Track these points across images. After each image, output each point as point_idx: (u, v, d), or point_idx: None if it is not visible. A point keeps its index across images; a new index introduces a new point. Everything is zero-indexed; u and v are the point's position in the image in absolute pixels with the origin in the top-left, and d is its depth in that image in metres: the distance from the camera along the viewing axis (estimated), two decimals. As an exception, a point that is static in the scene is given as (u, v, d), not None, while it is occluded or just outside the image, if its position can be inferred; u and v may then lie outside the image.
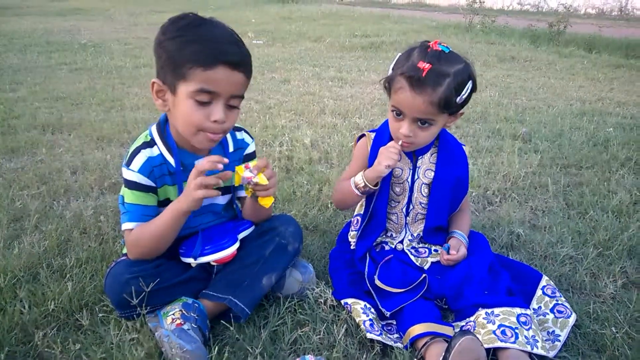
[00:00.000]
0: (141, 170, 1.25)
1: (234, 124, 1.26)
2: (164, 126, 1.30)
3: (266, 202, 1.25)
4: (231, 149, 1.40)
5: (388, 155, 1.36)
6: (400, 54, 1.39)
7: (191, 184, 1.16)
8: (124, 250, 1.35)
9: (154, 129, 1.31)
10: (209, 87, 1.14)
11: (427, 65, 1.27)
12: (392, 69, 1.37)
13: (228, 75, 1.15)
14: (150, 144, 1.28)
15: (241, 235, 1.40)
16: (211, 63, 1.13)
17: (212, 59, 1.13)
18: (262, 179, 1.20)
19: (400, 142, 1.39)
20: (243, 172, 1.20)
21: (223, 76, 1.15)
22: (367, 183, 1.43)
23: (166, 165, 1.29)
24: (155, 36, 1.21)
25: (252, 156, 1.47)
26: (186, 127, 1.21)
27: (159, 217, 1.25)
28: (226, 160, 1.18)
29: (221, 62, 1.14)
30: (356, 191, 1.46)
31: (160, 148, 1.28)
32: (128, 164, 1.26)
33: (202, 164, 1.16)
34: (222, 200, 1.43)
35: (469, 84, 1.32)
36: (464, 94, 1.32)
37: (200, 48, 1.13)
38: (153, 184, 1.28)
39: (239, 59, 1.17)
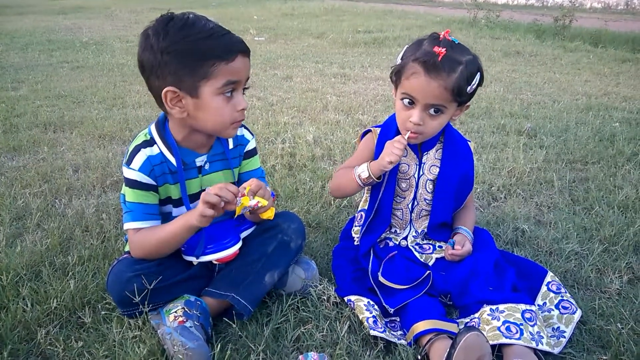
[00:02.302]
0: (142, 169, 1.25)
1: None
2: (163, 125, 1.29)
3: (269, 214, 1.27)
4: (231, 146, 1.39)
5: (392, 150, 1.35)
6: (407, 45, 1.39)
7: (201, 203, 1.15)
8: (126, 248, 1.34)
9: (153, 127, 1.30)
10: (234, 77, 1.20)
11: (443, 50, 1.28)
12: (402, 59, 1.37)
13: (244, 63, 1.22)
14: (150, 142, 1.27)
15: (243, 234, 1.39)
16: (231, 55, 1.17)
17: (230, 52, 1.18)
18: (263, 202, 1.22)
19: (407, 135, 1.37)
20: (249, 201, 1.20)
21: (241, 64, 1.21)
22: (371, 174, 1.42)
23: (166, 164, 1.28)
24: (145, 43, 1.16)
25: (252, 153, 1.46)
26: (218, 124, 1.24)
27: (168, 225, 1.25)
28: (237, 193, 1.18)
29: (238, 51, 1.19)
30: (359, 181, 1.45)
31: (160, 147, 1.27)
32: (128, 163, 1.25)
33: (217, 190, 1.15)
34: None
35: (478, 76, 1.34)
36: (473, 84, 1.33)
37: (215, 43, 1.16)
38: (154, 183, 1.27)
39: (245, 45, 1.22)
